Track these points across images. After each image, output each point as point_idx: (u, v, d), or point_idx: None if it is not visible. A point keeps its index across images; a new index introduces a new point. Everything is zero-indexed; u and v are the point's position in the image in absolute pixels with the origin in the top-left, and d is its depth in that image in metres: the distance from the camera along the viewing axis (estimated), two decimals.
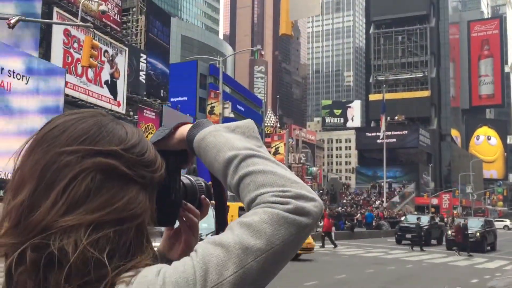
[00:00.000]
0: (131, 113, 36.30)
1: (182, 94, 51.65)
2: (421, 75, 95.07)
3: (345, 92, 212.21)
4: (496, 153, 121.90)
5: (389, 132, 71.12)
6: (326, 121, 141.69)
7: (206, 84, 54.58)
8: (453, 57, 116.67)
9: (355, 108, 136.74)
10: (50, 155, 0.76)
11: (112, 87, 35.56)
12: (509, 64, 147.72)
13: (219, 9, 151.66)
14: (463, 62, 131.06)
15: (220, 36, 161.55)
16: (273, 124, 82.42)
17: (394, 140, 79.45)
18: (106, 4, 28.39)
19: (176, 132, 0.91)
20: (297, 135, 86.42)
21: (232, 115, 32.54)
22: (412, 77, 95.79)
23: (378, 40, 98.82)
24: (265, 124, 75.95)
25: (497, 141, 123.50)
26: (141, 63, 39.56)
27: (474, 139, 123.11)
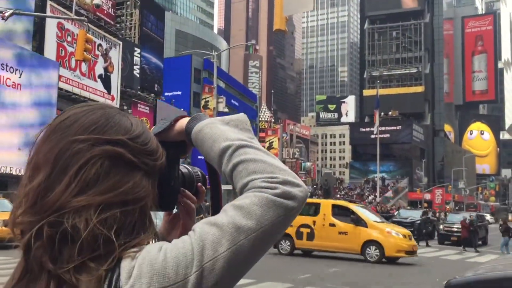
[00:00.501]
0: (125, 107, 36.15)
1: (177, 89, 51.44)
2: (415, 70, 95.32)
3: (339, 87, 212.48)
4: (489, 147, 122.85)
5: (383, 128, 71.30)
6: (320, 116, 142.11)
7: (200, 78, 54.40)
8: (447, 52, 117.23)
9: (349, 103, 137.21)
10: (63, 143, 0.82)
11: (106, 81, 35.34)
12: (502, 60, 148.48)
13: (213, 4, 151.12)
14: (457, 58, 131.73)
15: (215, 30, 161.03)
16: (268, 119, 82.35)
17: (388, 135, 79.74)
18: None
19: (176, 124, 0.98)
20: (291, 130, 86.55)
21: (226, 109, 32.46)
22: (406, 72, 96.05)
23: (373, 35, 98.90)
24: (260, 119, 75.86)
25: (490, 136, 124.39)
26: (135, 57, 39.32)
27: (468, 134, 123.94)
